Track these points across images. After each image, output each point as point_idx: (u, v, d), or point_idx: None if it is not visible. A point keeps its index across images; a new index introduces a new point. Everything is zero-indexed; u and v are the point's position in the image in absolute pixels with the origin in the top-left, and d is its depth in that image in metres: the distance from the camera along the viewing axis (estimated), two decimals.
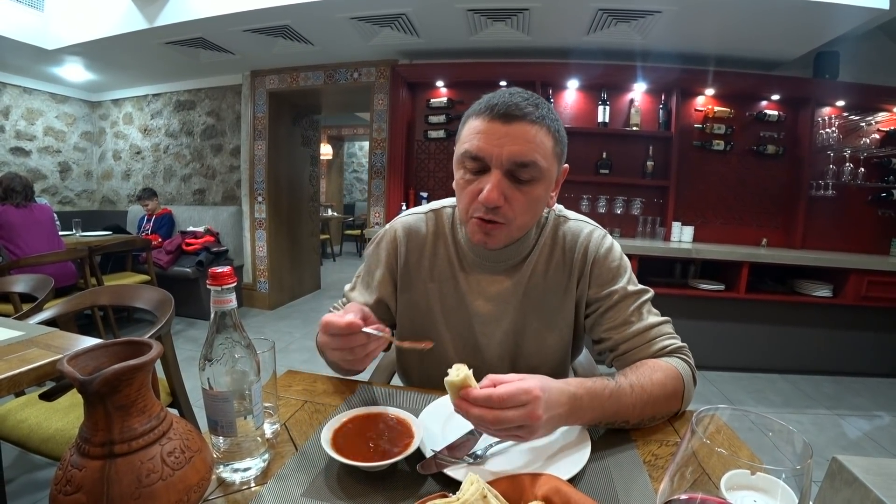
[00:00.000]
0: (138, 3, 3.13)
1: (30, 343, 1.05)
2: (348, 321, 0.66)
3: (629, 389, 0.70)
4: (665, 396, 0.73)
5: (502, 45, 3.33)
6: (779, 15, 2.61)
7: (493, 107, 0.74)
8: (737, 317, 3.13)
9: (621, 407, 0.69)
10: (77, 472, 0.44)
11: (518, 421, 0.56)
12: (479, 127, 0.75)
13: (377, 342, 0.68)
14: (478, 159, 0.75)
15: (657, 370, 0.75)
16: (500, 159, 0.73)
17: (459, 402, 0.57)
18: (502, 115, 0.73)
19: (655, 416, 0.73)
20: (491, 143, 0.73)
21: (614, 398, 0.68)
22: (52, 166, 4.72)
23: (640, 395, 0.70)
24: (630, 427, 0.72)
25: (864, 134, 3.38)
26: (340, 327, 0.66)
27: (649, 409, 0.72)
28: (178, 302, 1.52)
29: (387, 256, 0.95)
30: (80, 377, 0.43)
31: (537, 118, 0.74)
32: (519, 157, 0.73)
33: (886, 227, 3.45)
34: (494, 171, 0.74)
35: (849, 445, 2.26)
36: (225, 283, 0.55)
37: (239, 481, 0.57)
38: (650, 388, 0.71)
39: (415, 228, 0.95)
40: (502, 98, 0.74)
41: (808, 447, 0.35)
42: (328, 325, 0.68)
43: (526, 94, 0.76)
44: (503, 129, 0.73)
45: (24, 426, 1.25)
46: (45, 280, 1.77)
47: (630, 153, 3.52)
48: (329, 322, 0.67)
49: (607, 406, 0.67)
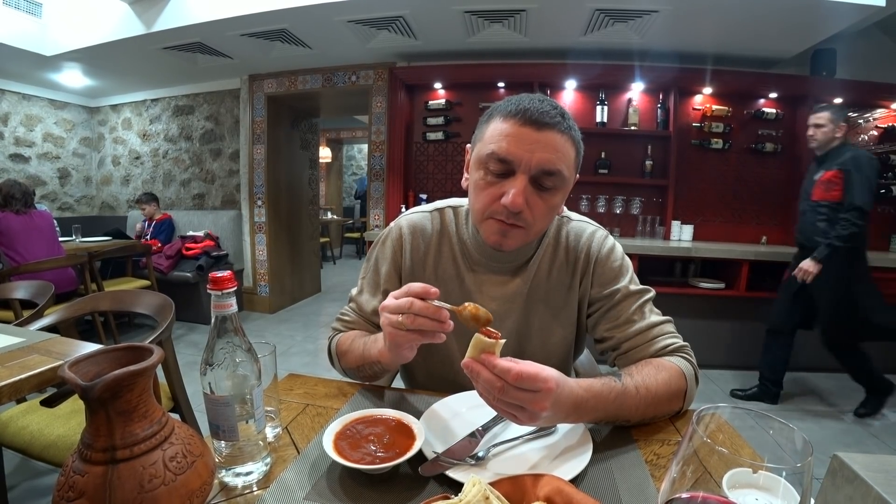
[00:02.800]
0: (136, 8, 3.14)
1: (30, 349, 1.05)
2: (425, 287, 0.63)
3: (634, 391, 0.70)
4: (668, 396, 0.74)
5: (500, 46, 3.34)
6: (775, 13, 2.62)
7: (524, 111, 0.73)
8: (737, 315, 3.13)
9: (624, 408, 0.69)
10: (79, 477, 0.44)
11: (522, 403, 0.56)
12: (507, 130, 0.74)
13: (440, 317, 0.63)
14: (505, 162, 0.74)
15: (662, 370, 0.75)
16: (528, 164, 0.73)
17: (474, 363, 0.57)
18: (534, 121, 0.72)
19: (657, 415, 0.74)
20: (521, 148, 0.72)
21: (619, 401, 0.68)
22: (51, 172, 4.72)
23: (644, 397, 0.71)
24: (631, 425, 0.73)
25: (862, 130, 3.38)
26: (416, 291, 0.63)
27: (652, 410, 0.72)
28: (178, 306, 1.52)
29: (392, 253, 0.95)
30: (81, 383, 0.43)
31: (565, 128, 0.74)
32: (547, 165, 0.73)
33: (886, 223, 3.44)
34: (520, 176, 0.73)
35: (852, 442, 2.26)
36: (225, 288, 0.55)
37: (241, 485, 0.57)
38: (655, 389, 0.72)
39: (420, 226, 0.95)
40: (533, 104, 0.73)
41: (809, 445, 0.35)
42: (403, 294, 0.64)
43: (553, 102, 0.76)
44: (534, 136, 0.72)
45: (25, 433, 1.25)
46: (45, 286, 1.77)
47: (629, 153, 3.53)
48: (407, 290, 0.64)
49: (610, 408, 0.68)
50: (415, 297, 0.64)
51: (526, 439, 0.67)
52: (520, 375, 0.55)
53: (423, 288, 0.64)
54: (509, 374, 0.55)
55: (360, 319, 0.97)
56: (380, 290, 0.95)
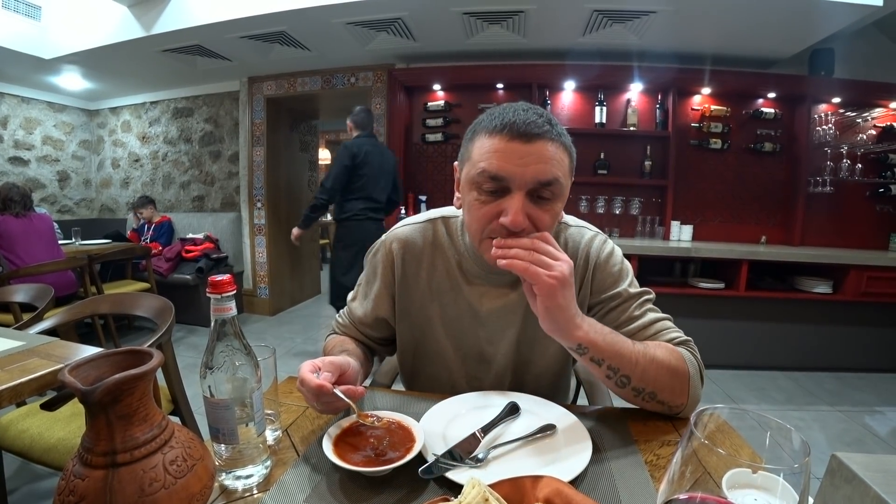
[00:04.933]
0: (135, 11, 3.14)
1: (30, 353, 1.05)
2: (318, 384, 0.65)
3: (631, 344, 0.72)
4: (668, 369, 0.73)
5: (498, 47, 3.34)
6: (773, 13, 2.62)
7: (510, 124, 0.69)
8: (737, 315, 3.13)
9: (623, 352, 0.70)
10: (80, 481, 0.44)
11: (551, 262, 0.65)
12: (495, 146, 0.70)
13: (343, 403, 0.66)
14: (498, 179, 0.70)
15: (661, 347, 0.76)
16: (523, 179, 0.69)
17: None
18: (522, 133, 0.69)
19: (657, 393, 0.73)
20: (513, 164, 0.69)
21: (618, 341, 0.71)
22: (50, 175, 4.72)
23: (641, 353, 0.72)
24: (631, 393, 0.73)
25: (860, 130, 3.39)
26: (311, 388, 0.65)
27: (651, 374, 0.71)
28: (178, 309, 1.52)
29: (383, 270, 0.94)
30: (81, 387, 0.43)
31: (555, 136, 0.71)
32: (543, 176, 0.70)
33: (885, 222, 3.45)
34: (517, 194, 0.70)
35: (852, 442, 2.26)
36: (224, 291, 0.55)
37: (241, 488, 0.57)
38: (652, 353, 0.73)
39: (411, 241, 0.93)
40: (517, 115, 0.70)
41: (806, 445, 0.35)
42: (302, 381, 0.67)
43: (537, 109, 0.73)
44: (524, 149, 0.69)
45: (25, 436, 1.25)
46: (44, 289, 1.77)
47: (628, 153, 3.53)
48: (303, 379, 0.67)
49: (609, 339, 0.70)
50: (317, 395, 0.66)
51: (526, 441, 0.67)
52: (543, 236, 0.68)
53: (317, 386, 0.65)
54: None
55: (352, 325, 0.99)
56: (369, 303, 0.96)
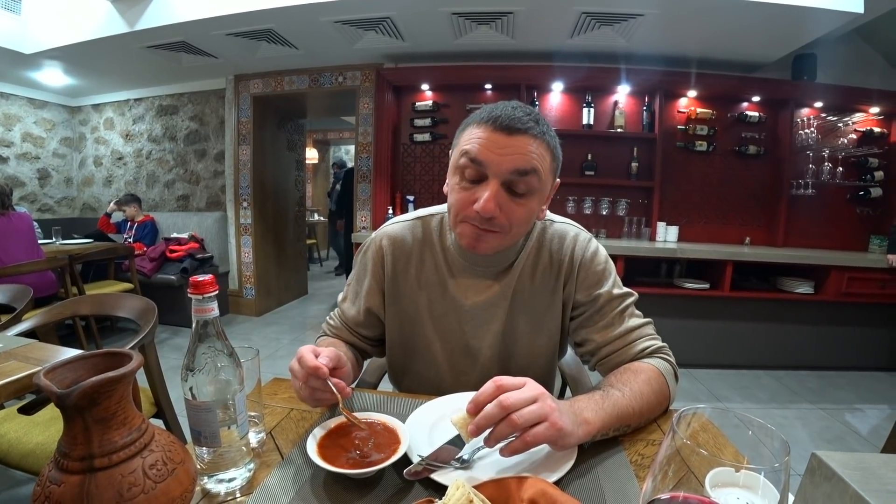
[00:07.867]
0: (119, 6, 3.09)
1: (8, 356, 1.02)
2: (316, 364, 0.65)
3: (619, 394, 0.71)
4: (653, 393, 0.75)
5: (487, 48, 3.35)
6: (758, 18, 2.66)
7: (495, 118, 0.74)
8: (722, 315, 3.17)
9: (619, 409, 0.68)
10: (56, 487, 0.43)
11: (532, 412, 0.57)
12: (480, 134, 0.75)
13: (330, 395, 0.67)
14: (477, 163, 0.74)
15: (640, 372, 0.77)
16: (499, 168, 0.73)
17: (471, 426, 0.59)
18: (505, 126, 0.73)
19: (651, 415, 0.75)
20: (493, 152, 0.73)
21: (610, 402, 0.68)
22: (30, 173, 4.62)
23: (635, 398, 0.71)
24: (630, 431, 0.72)
25: (841, 134, 3.46)
26: (308, 366, 0.66)
27: (646, 412, 0.73)
28: (162, 310, 1.50)
29: (373, 267, 0.95)
30: (56, 390, 0.42)
31: (538, 133, 0.75)
32: (520, 164, 0.73)
33: (865, 224, 3.53)
34: (492, 181, 0.74)
35: (833, 439, 2.31)
36: (206, 292, 0.54)
37: (224, 492, 0.56)
38: (639, 388, 0.73)
39: (400, 238, 0.95)
40: (505, 111, 0.74)
41: (786, 444, 0.35)
42: (300, 359, 0.67)
43: (527, 108, 0.76)
44: (505, 140, 0.73)
45: (2, 441, 1.22)
46: (23, 290, 1.73)
47: (615, 155, 3.56)
48: (301, 356, 0.67)
49: (607, 408, 0.67)
50: (310, 375, 0.66)
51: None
52: (498, 381, 0.59)
53: (313, 366, 0.65)
54: (492, 384, 0.59)
55: (344, 326, 0.99)
56: (360, 300, 0.96)
